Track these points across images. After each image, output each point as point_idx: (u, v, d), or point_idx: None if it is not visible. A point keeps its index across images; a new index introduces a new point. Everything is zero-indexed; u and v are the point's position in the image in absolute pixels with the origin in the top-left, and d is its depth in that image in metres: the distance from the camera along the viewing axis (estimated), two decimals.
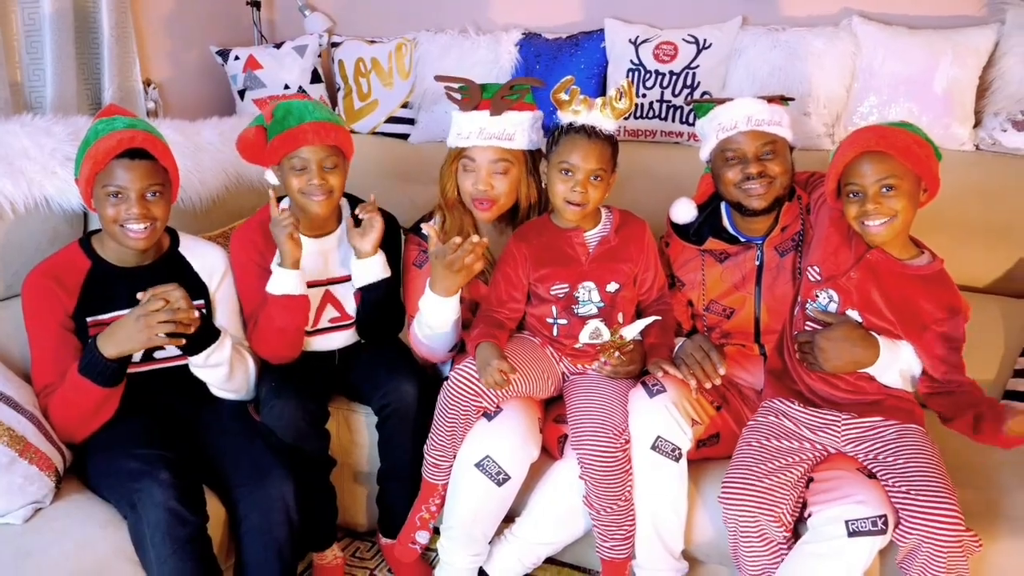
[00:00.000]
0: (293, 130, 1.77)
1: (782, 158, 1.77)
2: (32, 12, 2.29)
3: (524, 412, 1.76)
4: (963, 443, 1.82)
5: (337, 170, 1.82)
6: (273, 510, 1.63)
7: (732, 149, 1.76)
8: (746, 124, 1.74)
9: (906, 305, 1.58)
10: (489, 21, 2.78)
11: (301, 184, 1.80)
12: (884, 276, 1.60)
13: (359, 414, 2.00)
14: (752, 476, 1.57)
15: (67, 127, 2.07)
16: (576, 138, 1.70)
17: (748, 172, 1.73)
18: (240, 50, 2.88)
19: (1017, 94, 2.15)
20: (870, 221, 1.55)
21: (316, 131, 1.77)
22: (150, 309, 1.57)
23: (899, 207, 1.54)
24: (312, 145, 1.77)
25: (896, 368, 1.59)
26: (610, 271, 1.77)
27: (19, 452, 1.52)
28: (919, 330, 1.58)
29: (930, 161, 1.56)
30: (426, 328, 1.85)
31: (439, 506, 1.81)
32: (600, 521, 1.70)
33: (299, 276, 1.81)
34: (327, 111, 1.83)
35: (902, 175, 1.53)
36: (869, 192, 1.54)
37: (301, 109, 1.79)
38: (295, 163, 1.79)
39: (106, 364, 1.59)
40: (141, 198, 1.66)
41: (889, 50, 2.25)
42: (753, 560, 1.60)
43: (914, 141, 1.55)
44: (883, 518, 1.48)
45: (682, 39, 2.47)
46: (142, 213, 1.66)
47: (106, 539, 1.51)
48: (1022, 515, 1.61)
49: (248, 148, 1.86)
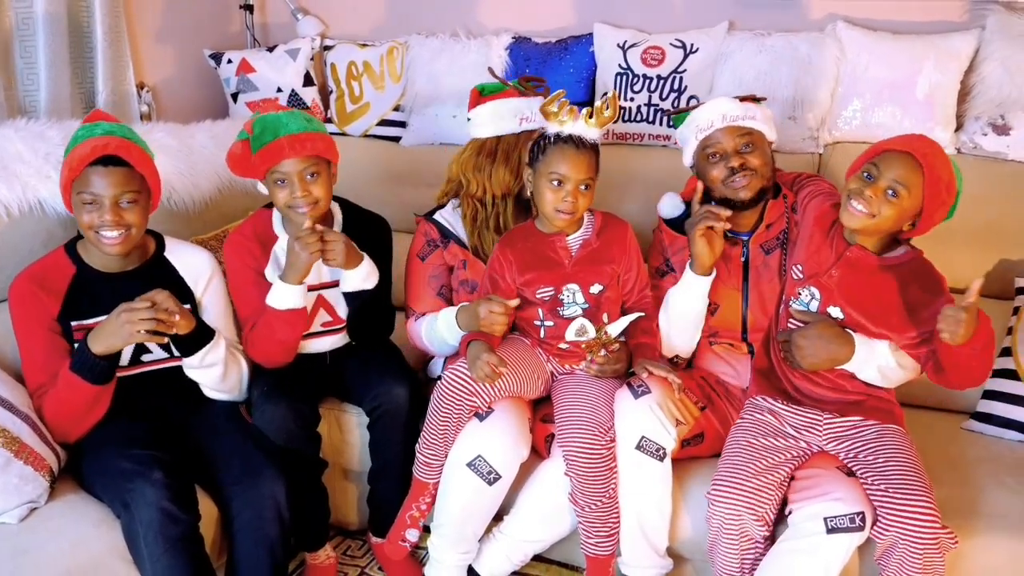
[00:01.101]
0: (270, 145, 1.78)
1: (761, 151, 1.82)
2: (25, 16, 2.30)
3: (515, 412, 1.79)
4: (941, 442, 1.87)
5: (320, 178, 1.82)
6: (265, 508, 1.66)
7: (712, 146, 1.82)
8: (722, 121, 1.81)
9: (888, 299, 1.61)
10: (479, 25, 2.81)
11: (286, 198, 1.81)
12: (864, 272, 1.63)
13: (350, 414, 2.03)
14: (743, 475, 1.61)
15: (61, 131, 2.09)
16: (565, 148, 1.73)
17: (731, 166, 1.79)
18: (233, 53, 2.90)
19: (997, 98, 2.19)
20: (856, 202, 1.58)
21: (292, 145, 1.77)
22: (134, 307, 1.59)
23: (886, 213, 1.56)
24: (289, 158, 1.78)
25: (873, 364, 1.63)
26: (593, 273, 1.81)
27: (15, 453, 1.54)
28: (902, 323, 1.60)
29: (942, 208, 1.58)
30: (436, 336, 1.90)
31: (429, 504, 1.84)
32: (584, 518, 1.73)
33: (303, 290, 1.82)
34: (303, 120, 1.82)
35: (913, 193, 1.55)
36: (878, 182, 1.56)
37: (275, 123, 1.79)
38: (277, 177, 1.80)
39: (95, 361, 1.61)
40: (115, 205, 1.67)
41: (873, 55, 2.29)
42: (729, 557, 1.63)
43: (949, 180, 1.56)
44: (861, 515, 1.51)
45: (670, 43, 2.50)
46: (115, 220, 1.67)
47: (100, 538, 1.53)
48: (997, 512, 1.65)
49: (237, 163, 1.87)
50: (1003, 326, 2.05)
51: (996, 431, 1.94)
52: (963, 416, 2.02)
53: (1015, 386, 1.93)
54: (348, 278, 1.88)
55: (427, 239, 2.01)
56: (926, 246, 2.00)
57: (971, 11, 2.28)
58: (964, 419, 2.01)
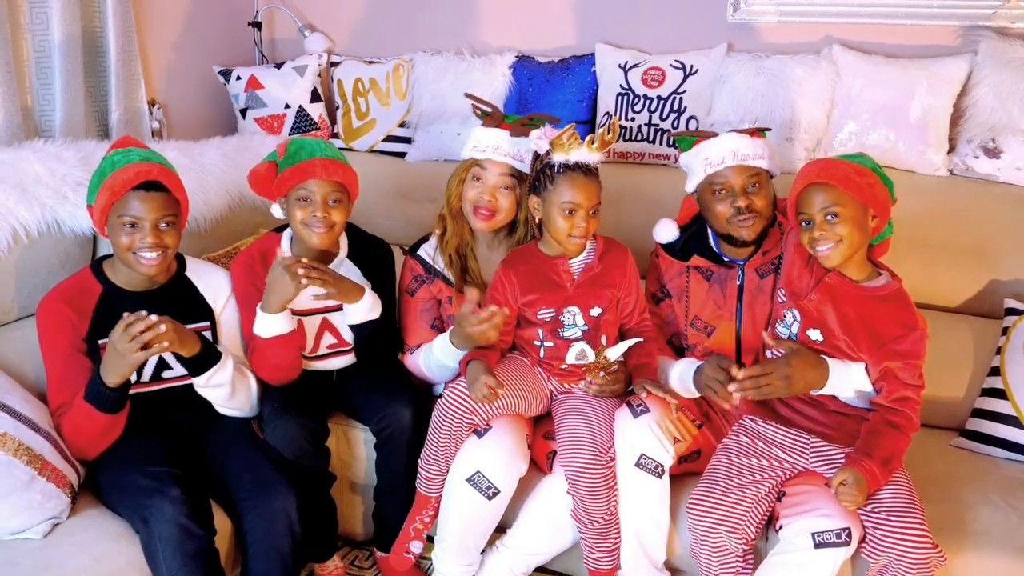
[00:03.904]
0: (304, 163, 1.86)
1: (765, 191, 1.86)
2: (42, 39, 2.35)
3: (513, 429, 1.85)
4: (930, 458, 1.93)
5: (341, 206, 1.91)
6: (277, 523, 1.72)
7: (720, 183, 1.84)
8: (733, 159, 1.82)
9: (863, 325, 1.67)
10: (484, 44, 2.86)
11: (304, 215, 1.88)
12: (841, 298, 1.69)
13: (357, 430, 2.08)
14: (719, 491, 1.68)
15: (77, 152, 2.15)
16: (574, 176, 1.78)
17: (738, 206, 1.81)
18: (242, 70, 2.96)
19: (988, 122, 2.25)
20: (818, 247, 1.65)
21: (325, 167, 1.86)
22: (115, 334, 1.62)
23: (844, 232, 1.62)
24: (320, 179, 1.86)
25: (850, 387, 1.69)
26: (594, 296, 1.86)
27: (38, 470, 1.60)
28: (876, 348, 1.66)
29: (874, 189, 1.64)
30: (435, 363, 1.95)
31: (432, 517, 1.91)
32: (587, 534, 1.79)
33: (285, 316, 1.87)
34: (337, 151, 1.94)
35: (844, 203, 1.62)
36: (816, 220, 1.64)
37: (313, 145, 1.90)
38: (301, 194, 1.88)
39: (108, 393, 1.67)
40: (155, 228, 1.75)
41: (868, 78, 2.35)
42: (710, 567, 1.70)
43: (855, 171, 1.64)
44: (847, 531, 1.57)
45: (669, 64, 2.56)
46: (155, 242, 1.75)
47: (121, 552, 1.59)
48: (983, 529, 1.70)
49: (259, 182, 1.95)
50: (992, 345, 2.11)
51: (984, 448, 1.99)
52: (952, 433, 2.07)
53: (1003, 405, 1.99)
54: (352, 311, 1.95)
55: (413, 275, 2.08)
56: (919, 265, 2.06)
57: (964, 36, 2.33)
58: (953, 436, 2.06)
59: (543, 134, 1.84)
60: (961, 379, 2.10)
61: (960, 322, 2.18)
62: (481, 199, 1.95)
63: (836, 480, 1.58)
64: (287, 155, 1.90)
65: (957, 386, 2.10)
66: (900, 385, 1.65)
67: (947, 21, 2.34)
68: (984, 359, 2.10)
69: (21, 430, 1.62)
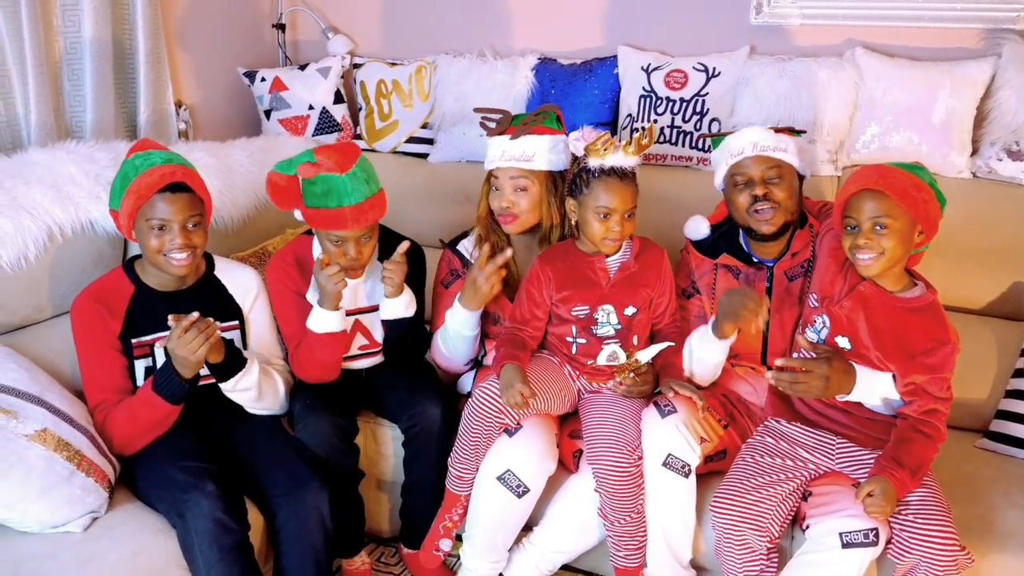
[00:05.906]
0: (332, 212, 1.81)
1: (787, 184, 1.87)
2: (74, 41, 2.39)
3: (543, 429, 1.88)
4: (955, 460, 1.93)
5: (372, 240, 1.92)
6: (309, 519, 1.74)
7: (740, 173, 1.88)
8: (752, 149, 1.86)
9: (893, 336, 1.66)
10: (506, 46, 2.88)
11: (337, 255, 1.88)
12: (874, 307, 1.68)
13: (386, 427, 2.11)
14: (743, 489, 1.69)
15: (109, 152, 2.18)
16: (610, 181, 1.80)
17: (755, 194, 1.84)
18: (266, 71, 2.99)
19: (1012, 124, 2.25)
20: (860, 254, 1.63)
21: (355, 217, 1.81)
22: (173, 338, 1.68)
23: (888, 245, 1.60)
24: (351, 230, 1.84)
25: (876, 395, 1.69)
26: (629, 295, 1.88)
27: (77, 465, 1.63)
28: (905, 360, 1.65)
29: (928, 206, 1.61)
30: (451, 335, 1.99)
31: (461, 515, 1.93)
32: (614, 532, 1.81)
33: (341, 315, 1.91)
34: (363, 184, 1.82)
35: (896, 215, 1.60)
36: (863, 227, 1.61)
37: (341, 190, 1.79)
38: (332, 238, 1.87)
39: (180, 384, 1.72)
40: (183, 229, 1.77)
41: (891, 81, 2.35)
42: (734, 564, 1.72)
43: (913, 185, 1.60)
44: (875, 531, 1.59)
45: (692, 67, 2.57)
46: (184, 243, 1.77)
47: (160, 546, 1.62)
48: (1010, 531, 1.71)
49: (279, 194, 1.88)
50: (1016, 346, 2.12)
51: (1009, 450, 2.00)
52: (977, 435, 2.08)
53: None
54: (389, 306, 1.97)
55: (450, 268, 2.11)
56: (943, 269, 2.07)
57: (987, 39, 2.34)
58: (978, 438, 2.07)
59: (581, 136, 1.85)
60: (985, 381, 2.11)
61: (984, 324, 2.18)
62: (500, 206, 1.99)
63: (863, 491, 1.58)
64: (314, 192, 1.82)
65: (981, 388, 2.11)
66: (930, 399, 1.64)
67: (970, 24, 2.34)
68: (1008, 361, 2.11)
69: (60, 426, 1.65)
